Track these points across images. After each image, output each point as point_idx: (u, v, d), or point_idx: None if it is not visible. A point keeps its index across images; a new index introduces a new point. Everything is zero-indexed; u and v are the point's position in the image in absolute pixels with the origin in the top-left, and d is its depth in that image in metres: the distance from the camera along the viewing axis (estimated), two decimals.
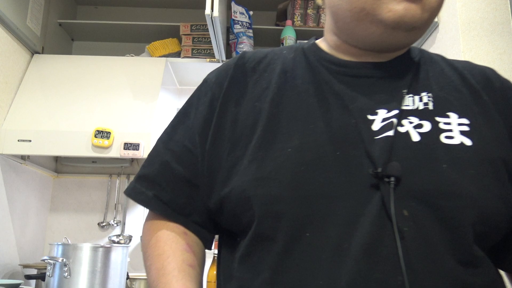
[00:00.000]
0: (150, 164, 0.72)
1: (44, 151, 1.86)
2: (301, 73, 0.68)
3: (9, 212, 1.94)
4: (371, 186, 0.56)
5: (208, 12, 1.74)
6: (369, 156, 0.58)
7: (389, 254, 0.53)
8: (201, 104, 0.71)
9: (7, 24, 1.86)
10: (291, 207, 0.57)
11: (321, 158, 0.58)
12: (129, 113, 1.94)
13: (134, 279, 1.93)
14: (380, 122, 0.61)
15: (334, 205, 0.56)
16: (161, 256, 0.66)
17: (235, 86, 0.69)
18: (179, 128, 0.72)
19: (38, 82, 2.02)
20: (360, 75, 0.67)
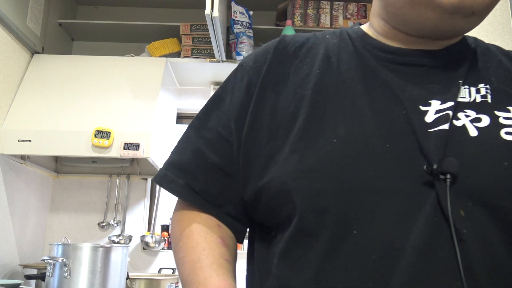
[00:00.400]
0: (181, 151, 0.69)
1: (44, 151, 1.86)
2: (346, 59, 0.64)
3: (9, 212, 1.94)
4: (424, 183, 0.52)
5: (208, 12, 1.74)
6: (422, 151, 0.54)
7: (446, 257, 0.49)
8: (237, 89, 0.67)
9: (7, 24, 1.86)
10: (336, 202, 0.53)
11: (369, 150, 0.54)
12: (129, 113, 1.94)
13: (134, 279, 1.93)
14: (434, 114, 0.57)
15: (383, 201, 0.52)
16: (196, 249, 0.61)
17: (275, 71, 0.65)
18: (212, 114, 0.68)
19: (38, 82, 2.02)
20: (410, 63, 0.62)
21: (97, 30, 2.43)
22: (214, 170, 0.64)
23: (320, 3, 2.35)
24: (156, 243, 2.33)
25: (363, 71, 0.62)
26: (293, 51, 0.67)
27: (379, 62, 0.63)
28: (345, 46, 0.66)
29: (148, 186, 2.51)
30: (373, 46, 0.65)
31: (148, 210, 2.49)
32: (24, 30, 1.98)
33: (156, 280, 1.96)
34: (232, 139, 0.64)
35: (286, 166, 0.56)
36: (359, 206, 0.52)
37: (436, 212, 0.51)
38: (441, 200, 0.51)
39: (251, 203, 0.62)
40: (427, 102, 0.58)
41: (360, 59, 0.64)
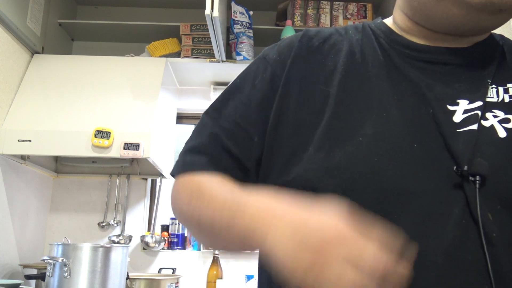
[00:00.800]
0: (198, 137, 0.66)
1: (44, 151, 1.86)
2: (371, 56, 0.62)
3: (9, 212, 1.94)
4: (453, 184, 0.51)
5: (208, 12, 1.73)
6: (450, 151, 0.52)
7: (475, 260, 0.48)
8: (259, 81, 0.65)
9: (7, 24, 1.86)
10: (363, 202, 0.51)
11: (396, 149, 0.53)
12: (129, 113, 1.94)
13: (134, 279, 1.93)
14: (462, 113, 0.55)
15: (410, 202, 0.51)
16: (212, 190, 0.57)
17: (299, 66, 0.63)
18: (229, 103, 0.66)
19: (38, 82, 2.02)
20: (435, 61, 0.60)
21: (97, 30, 2.43)
22: (231, 158, 0.62)
23: (320, 3, 2.35)
24: (156, 243, 2.33)
25: (388, 68, 0.61)
26: (317, 47, 0.65)
27: (404, 59, 0.61)
28: (369, 42, 0.64)
29: (148, 186, 2.51)
30: (398, 42, 0.63)
31: (148, 210, 2.49)
32: (24, 30, 1.98)
33: (156, 280, 1.97)
34: (252, 131, 0.62)
35: (311, 164, 0.55)
36: (386, 206, 0.51)
37: (465, 214, 0.50)
38: (470, 203, 0.50)
39: None
40: (454, 101, 0.57)
41: (385, 56, 0.62)
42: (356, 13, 2.36)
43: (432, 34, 0.62)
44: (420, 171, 0.52)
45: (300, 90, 0.61)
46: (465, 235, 0.49)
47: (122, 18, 2.47)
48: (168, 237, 2.40)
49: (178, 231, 2.41)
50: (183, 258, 2.38)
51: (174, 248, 2.39)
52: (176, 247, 2.39)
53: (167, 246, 2.39)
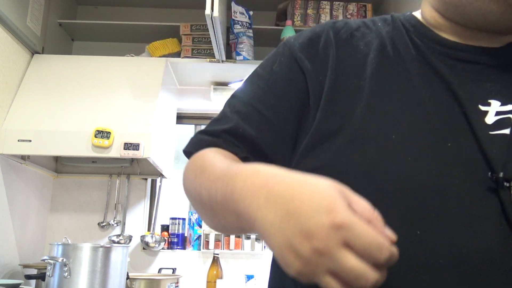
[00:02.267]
0: (214, 122, 0.65)
1: (44, 151, 1.86)
2: (403, 50, 0.60)
3: (9, 212, 1.94)
4: (488, 188, 0.50)
5: (208, 12, 1.73)
6: (484, 154, 0.51)
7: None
8: (277, 65, 0.64)
9: (7, 24, 1.86)
10: (399, 201, 0.50)
11: (431, 148, 0.52)
12: (129, 113, 1.94)
13: (134, 279, 1.93)
14: (494, 115, 0.54)
15: (447, 202, 0.49)
16: (214, 160, 0.55)
17: (327, 57, 0.61)
18: (247, 88, 0.65)
19: (38, 82, 2.02)
20: (466, 59, 0.58)
21: (97, 30, 2.43)
22: (246, 141, 0.61)
23: (320, 3, 2.35)
24: (156, 243, 2.33)
25: (420, 64, 0.59)
26: (345, 39, 0.63)
27: (436, 55, 0.59)
28: (400, 35, 0.62)
29: (148, 186, 2.51)
30: (429, 38, 0.61)
31: (148, 210, 2.49)
32: (24, 30, 1.98)
33: (156, 280, 1.97)
34: (270, 114, 0.61)
35: (343, 155, 0.54)
36: (422, 206, 0.50)
37: (501, 220, 0.49)
38: (506, 208, 0.48)
39: None
40: (486, 101, 0.55)
41: (417, 51, 0.60)
42: (356, 13, 2.36)
43: (464, 31, 0.60)
44: (455, 170, 0.51)
45: (330, 81, 0.59)
46: (505, 241, 0.48)
47: (122, 18, 2.47)
48: (168, 237, 2.40)
49: (178, 231, 2.42)
50: (183, 258, 2.38)
51: (174, 248, 2.39)
52: (176, 247, 2.39)
53: (167, 246, 2.40)
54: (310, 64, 0.61)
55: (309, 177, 0.42)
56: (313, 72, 0.61)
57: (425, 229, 0.49)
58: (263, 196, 0.42)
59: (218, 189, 0.49)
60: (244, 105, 0.63)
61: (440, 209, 0.49)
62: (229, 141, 0.60)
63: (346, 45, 0.62)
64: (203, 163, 0.57)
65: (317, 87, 0.60)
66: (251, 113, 0.62)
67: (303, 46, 0.63)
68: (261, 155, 0.60)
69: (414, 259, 0.48)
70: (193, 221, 2.45)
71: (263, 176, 0.44)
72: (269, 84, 0.63)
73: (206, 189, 0.53)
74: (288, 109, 0.61)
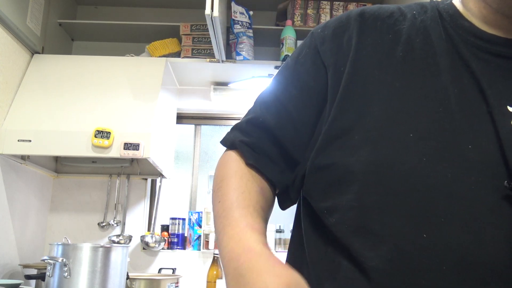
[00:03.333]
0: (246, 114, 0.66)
1: (44, 151, 1.86)
2: (435, 42, 0.57)
3: (9, 212, 1.94)
4: (504, 196, 0.47)
5: (208, 12, 1.73)
6: (506, 161, 0.48)
7: None
8: (303, 56, 0.63)
9: (7, 24, 1.86)
10: (408, 202, 0.48)
11: (449, 150, 0.49)
12: (129, 113, 1.94)
13: (134, 279, 1.93)
14: None
15: (458, 207, 0.47)
16: (235, 190, 0.59)
17: (349, 49, 0.59)
18: (275, 79, 0.65)
19: (38, 82, 2.02)
20: (503, 54, 0.55)
21: (97, 30, 2.43)
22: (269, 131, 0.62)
23: (320, 3, 2.35)
24: (156, 243, 2.33)
25: (451, 58, 0.55)
26: (374, 27, 0.60)
27: (469, 48, 0.55)
28: (434, 25, 0.58)
29: (148, 186, 2.51)
30: (465, 29, 0.57)
31: (148, 210, 2.49)
32: (24, 30, 1.98)
33: (156, 280, 1.97)
34: (290, 106, 0.61)
35: (355, 154, 0.52)
36: (431, 209, 0.48)
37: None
38: None
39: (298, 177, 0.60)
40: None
41: (449, 43, 0.56)
42: None
43: (509, 24, 0.56)
44: (472, 175, 0.48)
45: (352, 71, 0.57)
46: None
47: (122, 18, 2.47)
48: (168, 237, 2.40)
49: (178, 231, 2.42)
50: (183, 258, 2.38)
51: (174, 248, 2.39)
52: (176, 247, 2.39)
53: (167, 246, 2.40)
54: (332, 57, 0.60)
55: (270, 274, 0.44)
56: (334, 66, 0.59)
57: (432, 233, 0.48)
58: (232, 267, 0.48)
59: (217, 226, 0.57)
60: (269, 94, 0.65)
61: (450, 214, 0.48)
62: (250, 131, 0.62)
63: (372, 33, 0.59)
64: (228, 182, 0.60)
65: (336, 82, 0.58)
66: (273, 103, 0.63)
67: (327, 38, 0.62)
68: (279, 144, 0.61)
69: (416, 262, 0.47)
70: (193, 221, 2.45)
71: (244, 254, 0.49)
72: (293, 75, 0.63)
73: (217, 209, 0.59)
74: (308, 101, 0.61)
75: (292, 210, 0.69)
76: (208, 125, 2.77)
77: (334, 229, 0.54)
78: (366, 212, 0.50)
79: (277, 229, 2.44)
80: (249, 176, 0.61)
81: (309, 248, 0.58)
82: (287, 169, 0.62)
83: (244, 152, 0.62)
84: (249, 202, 0.57)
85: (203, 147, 2.74)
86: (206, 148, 2.76)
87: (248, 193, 0.59)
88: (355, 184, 0.51)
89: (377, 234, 0.50)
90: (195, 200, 2.63)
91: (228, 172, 0.62)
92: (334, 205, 0.54)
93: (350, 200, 0.52)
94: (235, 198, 0.58)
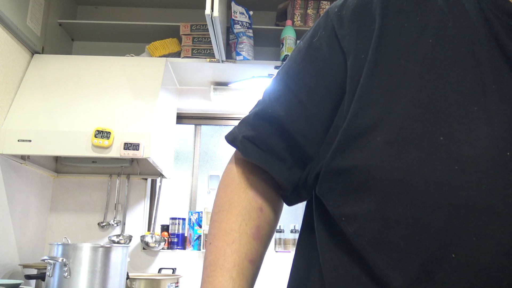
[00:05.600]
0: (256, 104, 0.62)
1: (44, 151, 1.86)
2: (471, 27, 0.48)
3: (9, 212, 1.94)
4: None
5: (208, 12, 1.73)
6: None
7: None
8: (317, 39, 0.56)
9: (7, 24, 1.86)
10: (436, 216, 0.43)
11: (485, 157, 0.43)
12: (129, 113, 1.94)
13: (134, 279, 1.93)
14: None
15: (492, 224, 0.42)
16: (227, 237, 0.56)
17: (375, 31, 0.51)
18: (286, 64, 0.59)
19: (38, 82, 2.02)
20: None
21: (97, 30, 2.43)
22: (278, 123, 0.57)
23: (320, 3, 2.35)
24: (156, 243, 2.33)
25: (489, 47, 0.47)
26: (399, 6, 0.52)
27: (509, 36, 0.47)
28: (470, 6, 0.49)
29: (148, 186, 2.51)
30: (506, 12, 0.47)
31: (148, 210, 2.49)
32: (24, 30, 1.98)
33: (156, 280, 1.97)
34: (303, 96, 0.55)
35: (377, 158, 0.46)
36: (462, 225, 0.43)
37: None
38: None
39: (310, 181, 0.55)
40: None
41: (487, 28, 0.48)
42: None
43: None
44: (510, 187, 0.42)
45: (374, 58, 0.50)
46: None
47: (122, 18, 2.47)
48: (168, 237, 2.40)
49: (178, 231, 2.42)
50: (183, 258, 2.38)
51: (174, 248, 2.39)
52: (176, 247, 2.39)
53: (167, 246, 2.40)
54: (352, 42, 0.52)
55: None
56: (355, 52, 0.51)
57: (462, 253, 0.43)
58: None
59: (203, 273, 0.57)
60: (280, 83, 0.58)
61: (483, 232, 0.42)
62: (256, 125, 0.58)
63: (398, 15, 0.51)
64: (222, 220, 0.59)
65: (356, 71, 0.51)
66: (283, 92, 0.57)
67: (346, 19, 0.54)
68: (288, 137, 0.55)
69: (442, 284, 0.43)
70: (193, 221, 2.45)
71: None
72: (307, 61, 0.56)
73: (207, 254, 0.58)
74: (324, 92, 0.54)
75: (292, 209, 0.68)
76: (208, 125, 2.77)
77: (352, 240, 0.49)
78: (390, 225, 0.45)
79: (277, 229, 2.44)
80: (247, 208, 0.58)
81: (324, 254, 0.53)
82: (297, 165, 0.56)
83: (247, 151, 0.57)
84: (237, 259, 0.55)
85: (203, 147, 2.75)
86: (206, 148, 2.76)
87: (238, 244, 0.56)
88: (378, 193, 0.46)
89: (402, 251, 0.45)
90: (195, 200, 2.64)
91: (225, 204, 0.59)
92: (354, 213, 0.49)
93: (371, 210, 0.47)
94: (223, 252, 0.56)
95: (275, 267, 1.90)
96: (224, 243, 0.56)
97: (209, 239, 0.59)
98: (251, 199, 0.59)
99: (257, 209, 0.59)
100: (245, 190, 0.59)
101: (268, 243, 0.62)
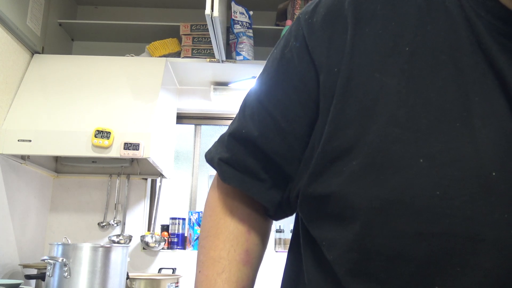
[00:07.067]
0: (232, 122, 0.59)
1: (44, 151, 1.86)
2: (450, 30, 0.43)
3: (9, 212, 1.94)
4: None
5: (208, 12, 1.73)
6: None
7: None
8: (295, 60, 0.50)
9: (7, 24, 1.86)
10: (418, 246, 0.40)
11: (467, 179, 0.39)
12: (129, 113, 1.94)
13: (134, 279, 1.93)
14: None
15: (479, 253, 0.39)
16: (215, 265, 0.55)
17: (347, 40, 0.46)
18: (260, 76, 0.56)
19: (38, 82, 2.02)
20: None
21: (97, 30, 2.43)
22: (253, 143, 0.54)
23: None
24: (156, 243, 2.33)
25: (472, 52, 0.42)
26: (373, 11, 0.46)
27: (494, 36, 0.42)
28: (451, 6, 0.44)
29: (148, 186, 2.51)
30: (488, 10, 0.42)
31: (148, 210, 2.49)
32: (24, 30, 1.98)
33: (156, 280, 1.97)
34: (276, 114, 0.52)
35: (354, 185, 0.43)
36: (446, 256, 0.40)
37: None
38: None
39: (288, 203, 0.54)
40: None
41: (469, 31, 0.43)
42: None
43: None
44: (497, 211, 0.39)
45: (342, 79, 0.45)
46: None
47: (122, 18, 2.47)
48: (168, 237, 2.40)
49: (178, 231, 2.42)
50: (183, 258, 2.38)
51: (174, 248, 2.39)
52: (176, 247, 2.39)
53: (167, 246, 2.40)
54: (323, 54, 0.48)
55: None
56: (326, 66, 0.47)
57: (446, 285, 0.40)
58: None
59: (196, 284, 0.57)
60: (254, 98, 0.55)
61: (469, 262, 0.39)
62: (231, 146, 0.55)
63: (372, 21, 0.46)
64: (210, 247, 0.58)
65: (329, 88, 0.47)
66: (257, 110, 0.53)
67: (317, 26, 0.49)
68: (264, 157, 0.52)
69: None
70: (193, 221, 2.45)
71: None
72: (279, 74, 0.52)
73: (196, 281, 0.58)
74: (298, 109, 0.50)
75: None
76: (208, 125, 2.77)
77: (333, 266, 0.47)
78: (369, 257, 0.43)
79: (277, 229, 2.44)
80: (234, 232, 0.57)
81: (308, 274, 0.52)
82: (277, 185, 0.54)
83: (224, 174, 0.55)
84: None
85: (203, 147, 2.74)
86: (206, 148, 2.73)
87: (228, 272, 0.55)
88: (356, 223, 0.43)
89: (382, 283, 0.43)
90: (195, 200, 2.64)
91: (211, 229, 0.58)
92: (334, 239, 0.46)
93: (350, 241, 0.44)
94: (213, 283, 0.55)
95: (275, 267, 1.91)
96: (214, 273, 0.55)
97: (198, 266, 0.58)
98: (237, 223, 0.57)
99: (245, 233, 0.57)
100: (230, 214, 0.58)
101: (259, 264, 0.61)
